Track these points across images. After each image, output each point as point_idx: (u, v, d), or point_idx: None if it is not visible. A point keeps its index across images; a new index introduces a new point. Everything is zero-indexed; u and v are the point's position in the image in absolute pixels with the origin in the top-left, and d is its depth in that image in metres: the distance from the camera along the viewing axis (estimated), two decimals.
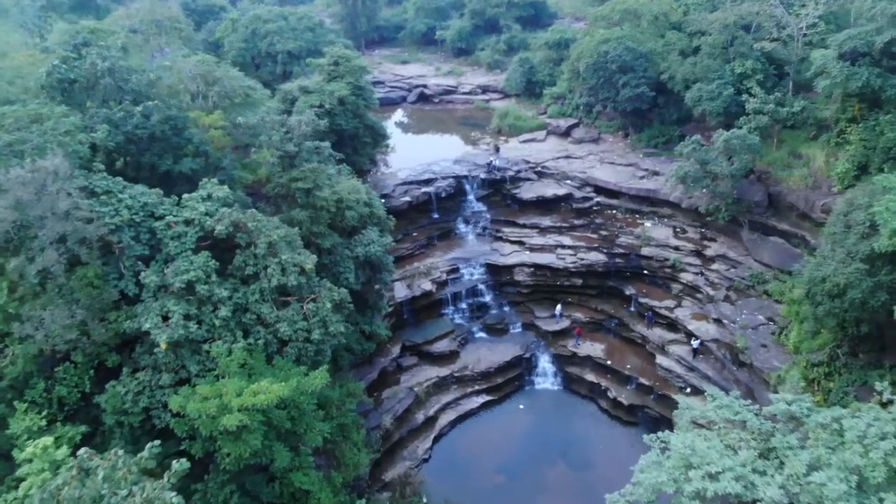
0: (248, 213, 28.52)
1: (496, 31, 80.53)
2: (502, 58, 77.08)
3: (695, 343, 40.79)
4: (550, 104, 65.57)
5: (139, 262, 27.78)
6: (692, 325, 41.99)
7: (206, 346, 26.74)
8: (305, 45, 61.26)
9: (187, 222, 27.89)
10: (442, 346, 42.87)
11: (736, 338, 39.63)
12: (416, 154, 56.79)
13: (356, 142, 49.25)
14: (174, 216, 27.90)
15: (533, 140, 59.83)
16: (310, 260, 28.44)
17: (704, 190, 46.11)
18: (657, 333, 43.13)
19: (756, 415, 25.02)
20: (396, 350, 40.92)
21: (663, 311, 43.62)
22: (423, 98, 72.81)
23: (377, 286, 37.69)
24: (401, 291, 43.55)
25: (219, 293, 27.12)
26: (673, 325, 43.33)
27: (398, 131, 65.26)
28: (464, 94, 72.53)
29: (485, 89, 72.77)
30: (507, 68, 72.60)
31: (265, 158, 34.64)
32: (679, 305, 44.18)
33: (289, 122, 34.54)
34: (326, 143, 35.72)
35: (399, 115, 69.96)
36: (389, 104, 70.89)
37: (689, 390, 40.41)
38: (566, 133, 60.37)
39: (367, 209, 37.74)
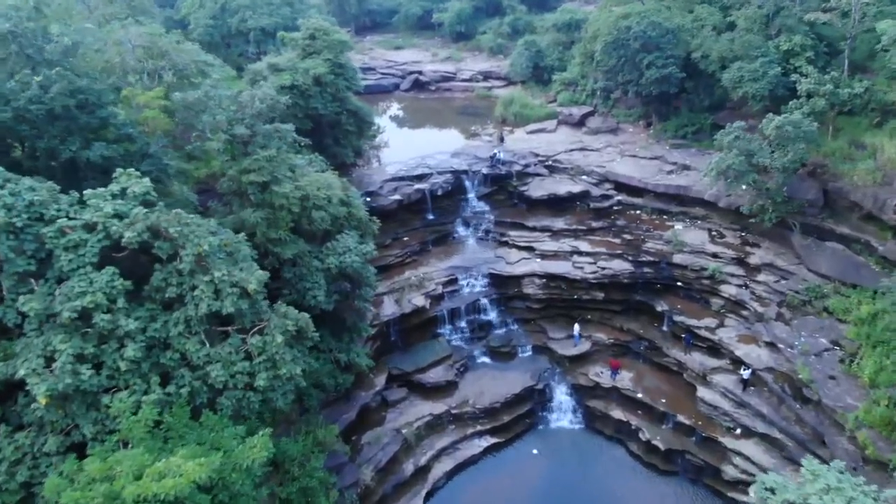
0: (171, 215, 21.09)
1: (499, 13, 73.47)
2: (506, 42, 70.00)
3: (745, 373, 33.40)
4: (561, 91, 58.35)
5: (28, 281, 20.42)
6: (740, 350, 34.60)
7: (106, 399, 19.41)
8: (282, 22, 54.08)
9: (88, 227, 20.45)
10: (436, 374, 35.42)
11: (796, 367, 32.24)
12: (408, 147, 49.80)
13: (337, 130, 42.04)
14: (70, 219, 20.47)
15: (542, 130, 52.56)
16: (254, 278, 21.02)
17: (746, 187, 38.81)
18: (697, 359, 35.71)
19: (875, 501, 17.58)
20: (381, 381, 33.50)
21: (703, 332, 36.22)
22: (418, 85, 65.55)
23: (356, 304, 30.31)
24: (387, 308, 36.18)
25: (126, 325, 19.76)
26: (715, 350, 35.93)
27: (389, 122, 58.00)
28: (463, 80, 65.31)
29: (486, 76, 65.59)
30: (510, 53, 65.38)
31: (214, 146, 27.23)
32: (721, 325, 36.78)
33: (240, 97, 27.14)
34: (289, 126, 28.37)
35: (391, 103, 62.65)
36: (380, 92, 63.66)
37: (738, 431, 33.03)
38: (580, 122, 53.04)
39: (344, 209, 30.43)
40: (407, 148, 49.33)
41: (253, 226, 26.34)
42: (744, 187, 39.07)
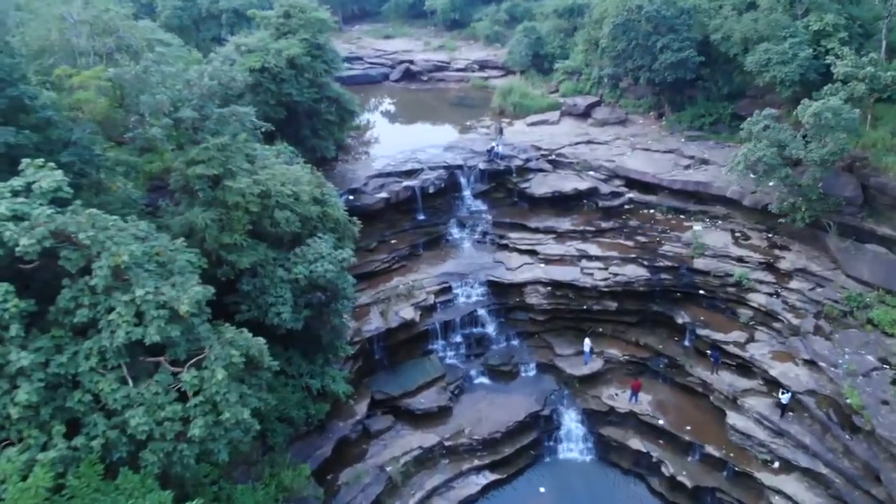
0: (84, 216, 16.46)
1: None
2: (503, 29, 65.57)
3: (783, 397, 28.93)
4: (563, 80, 53.92)
5: None
6: (775, 370, 30.14)
7: None
8: (258, 3, 49.29)
9: None
10: (427, 399, 30.74)
11: (842, 389, 27.84)
12: (397, 140, 45.26)
13: (315, 120, 37.48)
14: None
15: (544, 122, 48.10)
16: (188, 297, 16.40)
17: (773, 183, 34.45)
18: (725, 379, 31.21)
19: None
20: (362, 408, 28.84)
21: (731, 348, 31.75)
22: (409, 76, 60.97)
23: (331, 320, 25.69)
24: (371, 322, 31.60)
25: (18, 359, 15.18)
26: (746, 368, 31.48)
27: (377, 114, 53.43)
28: (457, 70, 60.79)
29: (482, 65, 61.12)
30: (508, 41, 60.92)
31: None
32: (752, 339, 32.32)
33: (186, 74, 22.49)
34: (248, 109, 23.81)
35: (379, 95, 57.99)
36: (368, 83, 59.04)
37: (777, 465, 28.55)
38: (585, 113, 48.58)
39: (318, 209, 25.84)
40: (396, 142, 44.83)
41: (203, 228, 21.76)
42: (771, 183, 34.74)
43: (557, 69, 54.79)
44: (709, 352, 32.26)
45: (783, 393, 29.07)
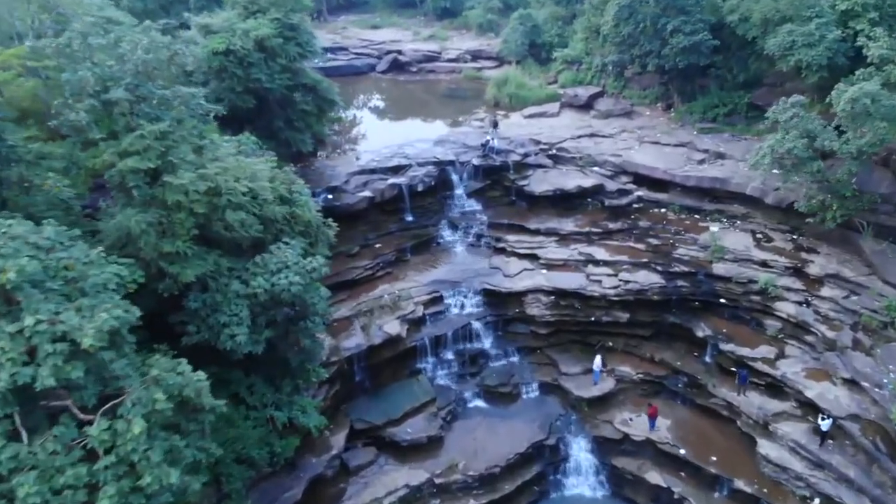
0: None
1: None
2: (497, 18, 61.80)
3: (823, 423, 25.25)
4: (562, 70, 50.23)
5: None
6: (811, 391, 26.50)
7: None
8: None
9: None
10: (415, 427, 26.75)
11: (890, 413, 24.20)
12: (383, 134, 41.61)
13: (290, 110, 33.57)
14: None
15: (543, 114, 44.44)
16: (94, 327, 12.50)
17: (797, 178, 30.91)
18: (754, 401, 27.50)
19: None
20: (340, 440, 24.88)
21: (760, 366, 28.06)
22: (397, 66, 57.00)
23: (300, 342, 21.78)
24: (351, 338, 27.72)
25: None
26: (777, 388, 27.81)
27: (361, 106, 49.55)
28: (449, 61, 56.91)
29: (475, 55, 57.28)
30: (502, 31, 57.15)
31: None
32: (782, 355, 28.66)
33: (119, 46, 18.54)
34: (196, 90, 19.88)
35: (365, 86, 54.10)
36: (353, 74, 55.00)
37: (817, 502, 24.83)
38: (587, 105, 44.92)
39: (284, 209, 21.94)
40: (381, 136, 41.17)
41: (139, 235, 17.84)
42: (796, 178, 31.15)
43: (556, 58, 51.15)
44: (734, 369, 28.56)
45: (823, 418, 25.37)
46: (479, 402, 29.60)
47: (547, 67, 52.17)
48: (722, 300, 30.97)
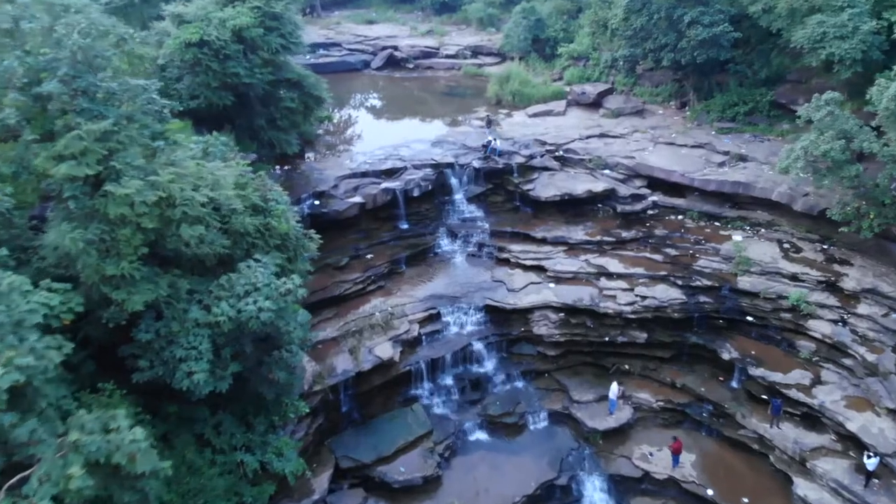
0: None
1: None
2: (498, 12, 59.01)
3: (868, 462, 22.34)
4: (567, 66, 47.46)
5: None
6: (853, 423, 23.61)
7: None
8: None
9: None
10: (409, 465, 23.65)
11: None
12: (378, 135, 38.62)
13: (273, 108, 30.64)
14: None
15: (548, 113, 41.53)
16: None
17: (826, 182, 28.02)
18: (789, 434, 24.58)
19: None
20: (323, 481, 21.85)
21: (794, 393, 25.14)
22: (393, 63, 54.06)
23: (274, 376, 18.80)
24: (337, 363, 24.73)
25: None
26: (814, 419, 24.91)
27: (355, 105, 46.52)
28: (447, 57, 53.97)
29: (476, 51, 54.40)
30: (504, 26, 54.16)
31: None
32: (818, 381, 25.75)
33: (55, 31, 15.59)
34: (148, 83, 16.92)
35: (358, 83, 51.12)
36: (346, 71, 52.08)
37: None
38: (596, 103, 42.01)
39: (258, 220, 19.02)
40: (375, 136, 38.25)
41: (78, 255, 14.90)
42: (827, 183, 28.25)
43: (561, 54, 48.30)
44: (765, 396, 25.61)
45: (868, 456, 22.43)
46: (481, 435, 26.50)
47: (551, 64, 49.31)
48: (749, 318, 28.06)
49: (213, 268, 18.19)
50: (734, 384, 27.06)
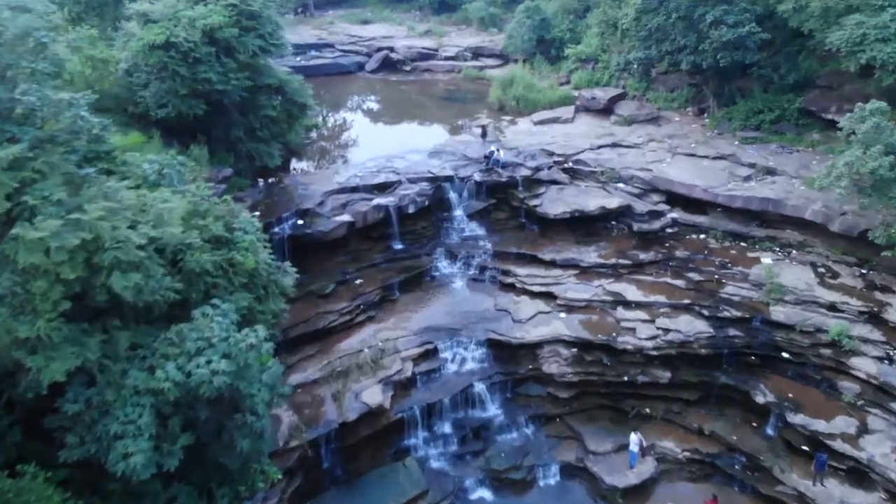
0: None
1: None
2: (500, 12, 56.21)
3: None
4: (575, 69, 44.53)
5: None
6: None
7: None
8: None
9: None
10: None
11: None
12: (371, 144, 35.78)
13: (252, 117, 27.63)
14: None
15: (555, 120, 38.56)
16: None
17: (865, 201, 25.10)
18: (834, 493, 21.52)
19: None
20: None
21: (839, 444, 22.04)
22: (389, 65, 51.12)
23: (237, 444, 15.68)
24: (319, 412, 21.61)
25: None
26: (860, 473, 21.79)
27: (345, 110, 43.54)
28: (447, 59, 51.07)
29: (477, 53, 51.48)
30: (506, 26, 51.24)
31: None
32: (865, 429, 22.65)
33: None
34: (77, 96, 13.84)
35: (351, 87, 48.15)
36: (338, 73, 49.21)
37: None
38: (607, 109, 38.98)
39: (219, 255, 15.93)
40: (368, 146, 35.41)
41: None
42: (866, 202, 25.25)
43: (567, 56, 45.36)
44: (805, 448, 22.52)
45: None
46: (484, 493, 23.21)
47: (557, 66, 46.42)
48: (784, 354, 24.96)
49: (163, 315, 15.15)
50: (769, 431, 23.92)
